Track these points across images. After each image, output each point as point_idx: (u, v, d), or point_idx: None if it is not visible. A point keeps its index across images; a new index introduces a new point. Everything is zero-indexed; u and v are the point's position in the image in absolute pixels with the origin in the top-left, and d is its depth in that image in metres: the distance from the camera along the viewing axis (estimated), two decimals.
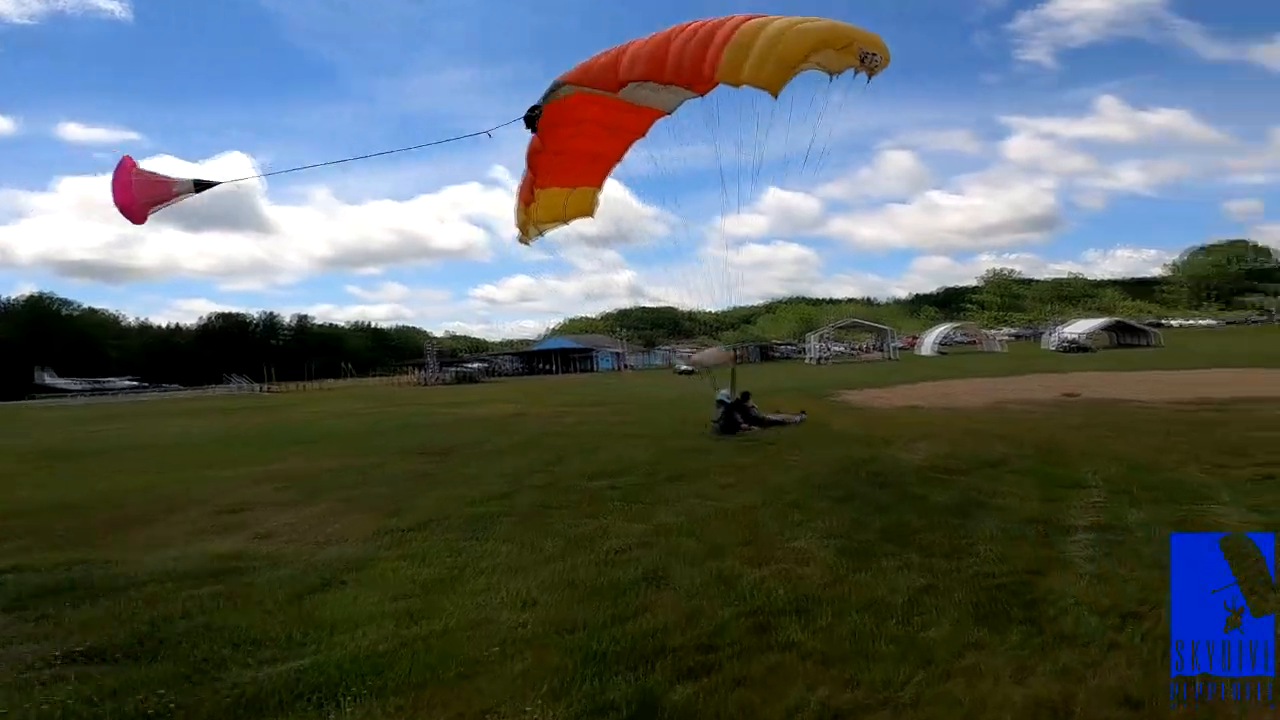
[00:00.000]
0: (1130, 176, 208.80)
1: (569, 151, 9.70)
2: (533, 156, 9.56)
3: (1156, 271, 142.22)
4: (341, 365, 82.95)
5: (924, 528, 5.62)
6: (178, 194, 7.95)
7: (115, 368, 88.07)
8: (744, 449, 10.53)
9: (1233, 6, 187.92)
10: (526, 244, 11.28)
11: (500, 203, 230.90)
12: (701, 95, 7.69)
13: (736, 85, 6.99)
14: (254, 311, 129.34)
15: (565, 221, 11.16)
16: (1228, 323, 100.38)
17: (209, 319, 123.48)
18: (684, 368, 58.00)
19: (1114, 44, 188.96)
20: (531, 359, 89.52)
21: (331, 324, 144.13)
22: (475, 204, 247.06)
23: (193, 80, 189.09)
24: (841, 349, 63.38)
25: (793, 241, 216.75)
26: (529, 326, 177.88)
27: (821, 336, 60.17)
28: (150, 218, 8.09)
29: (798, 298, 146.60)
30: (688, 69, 7.14)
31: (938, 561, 4.79)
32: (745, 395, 13.80)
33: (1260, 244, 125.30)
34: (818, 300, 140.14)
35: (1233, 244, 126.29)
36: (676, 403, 20.29)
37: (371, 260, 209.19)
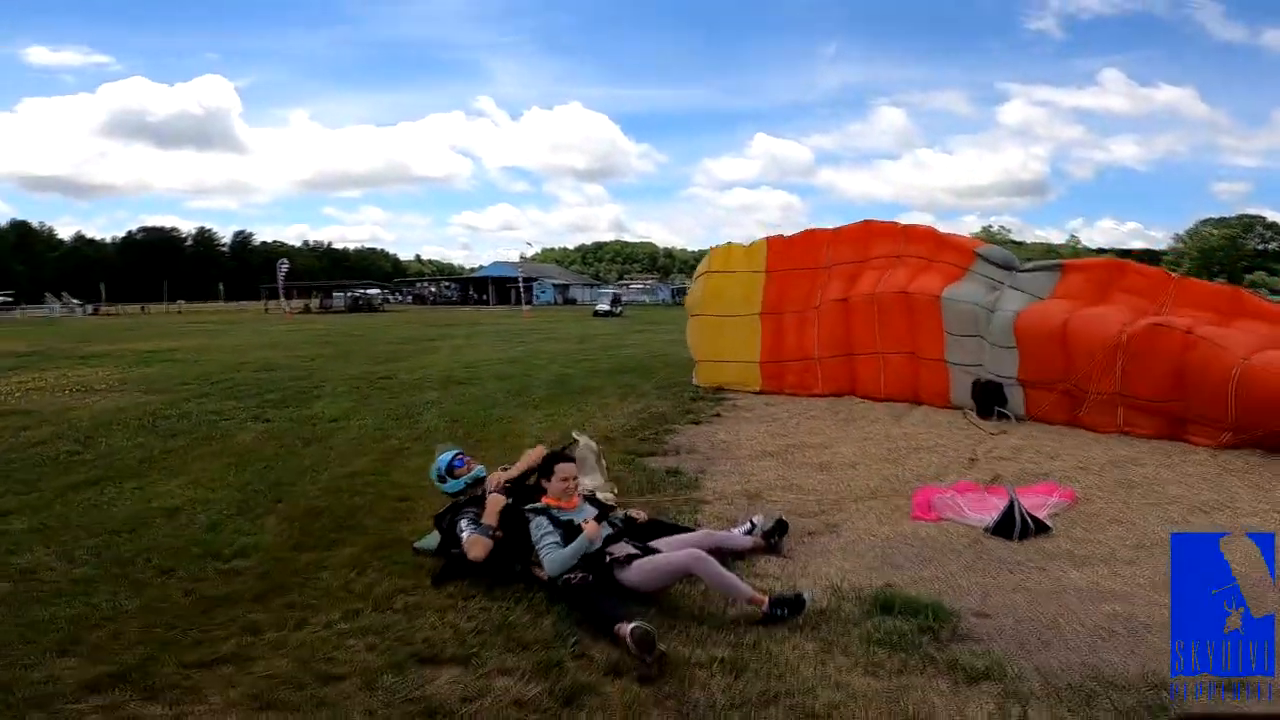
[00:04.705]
0: (1124, 150, 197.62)
1: None
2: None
3: (1138, 244, 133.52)
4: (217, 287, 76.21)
5: None
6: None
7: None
8: None
9: None
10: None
11: (485, 133, 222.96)
12: None
13: None
14: (200, 228, 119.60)
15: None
16: None
17: (131, 233, 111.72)
18: (602, 308, 50.80)
19: (1124, 19, 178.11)
20: (466, 287, 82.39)
21: (279, 242, 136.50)
22: (459, 133, 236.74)
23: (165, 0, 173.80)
24: None
25: (779, 188, 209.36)
26: (510, 255, 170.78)
27: None
28: None
29: None
30: None
31: None
32: (594, 502, 4.41)
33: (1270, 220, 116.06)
34: None
35: (1244, 218, 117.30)
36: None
37: (350, 184, 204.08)
